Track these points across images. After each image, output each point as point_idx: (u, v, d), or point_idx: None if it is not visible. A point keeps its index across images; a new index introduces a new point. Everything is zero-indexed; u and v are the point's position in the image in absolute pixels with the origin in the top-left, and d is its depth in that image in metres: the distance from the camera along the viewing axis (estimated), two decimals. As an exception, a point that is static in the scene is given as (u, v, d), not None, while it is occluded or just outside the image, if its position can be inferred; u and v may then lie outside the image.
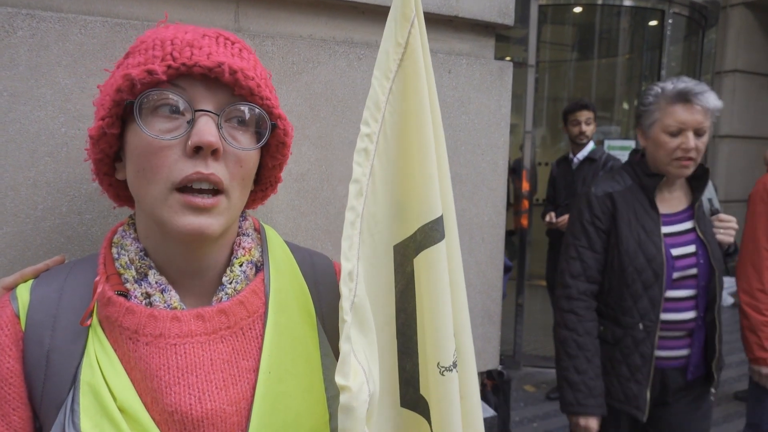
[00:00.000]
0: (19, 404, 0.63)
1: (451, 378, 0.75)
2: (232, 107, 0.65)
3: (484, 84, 1.32)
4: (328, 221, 1.15)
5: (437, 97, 0.78)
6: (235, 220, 0.71)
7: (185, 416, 0.62)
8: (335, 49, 1.13)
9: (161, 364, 0.63)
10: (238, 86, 0.64)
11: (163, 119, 0.62)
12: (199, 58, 0.62)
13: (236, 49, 0.67)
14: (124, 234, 0.71)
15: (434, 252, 0.75)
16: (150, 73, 0.61)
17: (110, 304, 0.65)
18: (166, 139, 0.61)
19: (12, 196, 0.87)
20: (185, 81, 0.63)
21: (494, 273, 1.39)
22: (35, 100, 0.87)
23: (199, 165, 0.61)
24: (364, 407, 0.62)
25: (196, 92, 0.63)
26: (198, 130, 0.61)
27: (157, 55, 0.63)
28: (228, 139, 0.64)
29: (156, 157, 0.62)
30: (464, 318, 0.82)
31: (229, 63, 0.63)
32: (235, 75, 0.63)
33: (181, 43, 0.63)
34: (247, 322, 0.69)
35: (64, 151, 0.89)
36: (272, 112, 0.69)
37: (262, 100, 0.67)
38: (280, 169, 0.78)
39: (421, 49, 0.74)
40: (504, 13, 1.32)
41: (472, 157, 1.32)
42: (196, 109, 0.62)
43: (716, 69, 5.37)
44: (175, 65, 0.61)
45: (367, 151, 0.72)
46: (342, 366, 0.63)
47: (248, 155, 0.67)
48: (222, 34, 0.68)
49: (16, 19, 0.85)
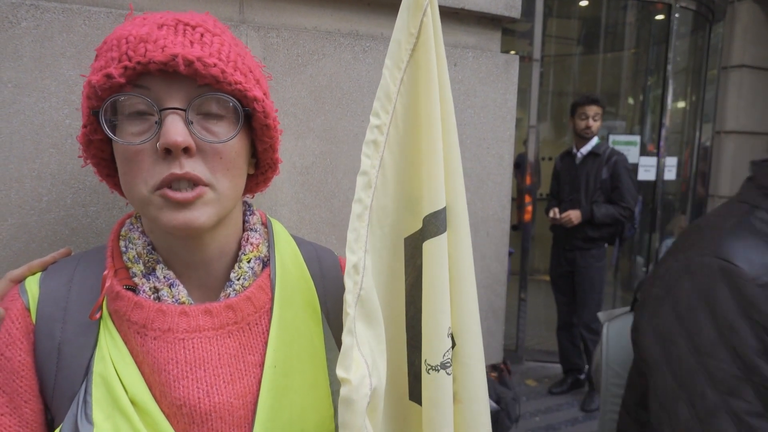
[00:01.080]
0: (30, 397, 0.63)
1: (437, 379, 0.72)
2: (200, 99, 0.61)
3: (490, 77, 1.31)
4: (333, 214, 1.15)
5: (450, 88, 0.75)
6: (232, 210, 0.69)
7: (193, 409, 0.62)
8: (340, 41, 1.12)
9: (169, 358, 0.63)
10: (199, 76, 0.60)
11: (133, 122, 0.61)
12: (153, 54, 0.58)
13: (197, 34, 0.62)
14: (131, 227, 0.71)
15: (432, 244, 0.72)
16: (108, 77, 0.59)
17: (119, 299, 0.65)
18: (136, 144, 0.60)
19: (17, 188, 0.87)
20: (147, 80, 0.60)
21: (499, 267, 1.39)
22: (39, 92, 0.87)
23: (174, 166, 0.59)
24: (365, 401, 0.62)
25: (160, 90, 0.60)
26: (165, 131, 0.58)
27: (114, 56, 0.60)
28: (200, 133, 0.61)
29: (133, 162, 0.61)
30: (469, 318, 0.77)
31: (183, 54, 0.58)
32: (192, 66, 0.59)
33: (135, 39, 0.59)
34: (253, 317, 0.69)
35: (68, 143, 0.89)
36: (246, 96, 0.64)
37: (231, 86, 0.62)
38: (273, 151, 0.74)
39: (434, 39, 0.71)
40: (511, 6, 1.31)
41: (478, 150, 1.31)
42: (162, 108, 0.60)
43: (723, 64, 5.32)
44: (130, 65, 0.58)
45: (377, 142, 0.71)
46: (343, 359, 0.63)
47: (226, 146, 0.63)
48: (182, 20, 0.63)
49: (20, 10, 0.85)
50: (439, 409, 0.72)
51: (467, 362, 0.76)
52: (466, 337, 0.77)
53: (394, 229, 0.75)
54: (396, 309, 0.77)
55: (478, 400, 0.77)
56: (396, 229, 0.75)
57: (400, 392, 0.79)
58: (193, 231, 0.63)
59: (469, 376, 0.77)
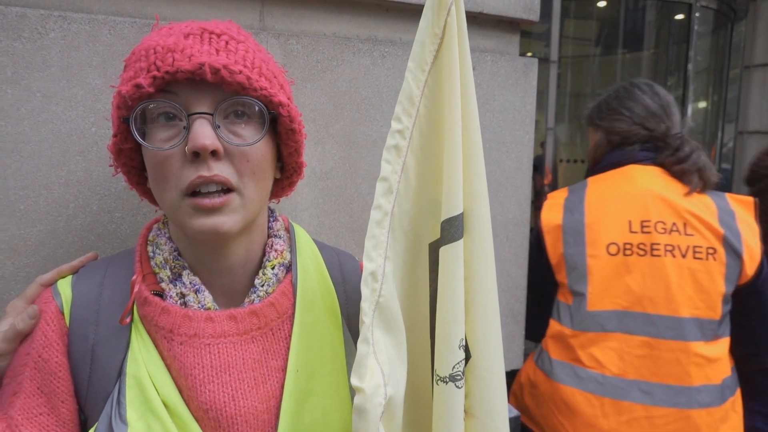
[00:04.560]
0: (67, 397, 0.65)
1: (445, 391, 0.69)
2: (227, 103, 0.63)
3: (509, 81, 1.30)
4: (352, 219, 1.15)
5: (474, 89, 0.73)
6: (257, 216, 0.70)
7: (220, 413, 0.63)
8: (359, 47, 1.12)
9: (196, 363, 0.64)
10: (226, 84, 0.62)
11: (162, 128, 0.63)
12: (181, 63, 0.60)
13: (222, 42, 0.64)
14: (158, 232, 0.72)
15: (447, 251, 0.70)
16: (138, 87, 0.61)
17: (147, 304, 0.66)
18: (165, 149, 0.62)
19: (45, 195, 0.89)
20: (175, 86, 0.62)
21: (518, 272, 1.38)
22: (67, 101, 0.89)
23: (202, 169, 0.61)
24: (379, 410, 0.62)
25: (188, 95, 0.62)
26: (193, 135, 0.60)
27: (142, 66, 0.62)
28: (228, 136, 0.63)
29: (162, 166, 0.62)
30: (487, 329, 0.73)
31: (210, 62, 0.61)
32: (219, 73, 0.61)
33: (163, 49, 0.61)
34: (276, 322, 0.70)
35: (94, 150, 0.91)
36: (271, 101, 0.66)
37: (257, 92, 0.64)
38: (298, 155, 0.76)
39: (458, 39, 0.69)
40: (529, 9, 1.30)
41: (497, 154, 1.31)
42: (190, 113, 0.62)
43: (745, 63, 5.22)
44: (159, 75, 0.60)
45: (398, 147, 0.69)
46: (358, 367, 0.63)
47: (253, 149, 0.65)
48: (207, 28, 0.65)
49: (48, 21, 0.87)
50: (446, 422, 0.70)
51: (484, 375, 0.73)
52: (484, 349, 0.73)
53: (419, 234, 0.74)
54: (420, 315, 0.76)
55: (495, 415, 0.74)
56: (420, 234, 0.74)
57: (425, 400, 0.78)
58: (219, 236, 0.64)
59: (486, 390, 0.73)
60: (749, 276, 1.31)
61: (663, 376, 1.28)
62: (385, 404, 0.63)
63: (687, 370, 1.27)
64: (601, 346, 1.32)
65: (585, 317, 1.34)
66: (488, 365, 0.73)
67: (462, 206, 0.71)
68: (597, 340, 1.32)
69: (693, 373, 1.27)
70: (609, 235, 1.34)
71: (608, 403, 1.29)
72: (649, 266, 1.30)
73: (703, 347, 1.28)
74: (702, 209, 1.33)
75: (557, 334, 1.39)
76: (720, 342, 1.31)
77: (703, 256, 1.29)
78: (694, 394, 1.27)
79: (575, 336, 1.35)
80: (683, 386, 1.27)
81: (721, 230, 1.30)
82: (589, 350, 1.33)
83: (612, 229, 1.35)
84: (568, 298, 1.39)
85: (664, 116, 1.44)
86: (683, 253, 1.30)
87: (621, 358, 1.30)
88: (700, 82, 4.58)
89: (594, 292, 1.34)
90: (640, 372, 1.29)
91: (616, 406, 1.29)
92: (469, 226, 0.72)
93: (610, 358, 1.30)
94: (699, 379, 1.27)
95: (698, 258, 1.29)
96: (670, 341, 1.28)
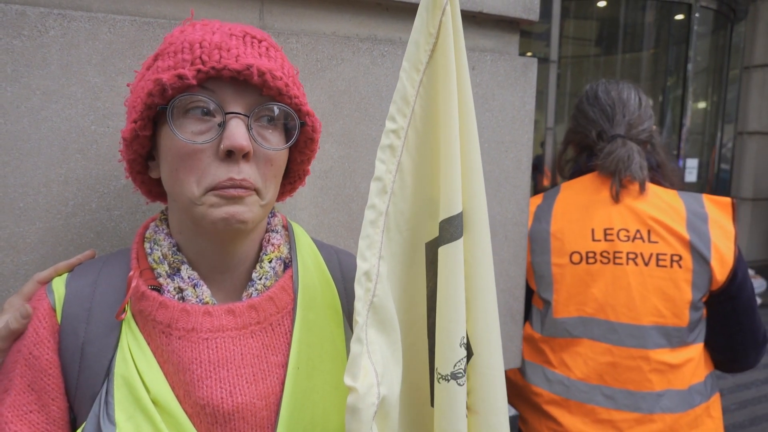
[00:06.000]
0: (57, 395, 0.65)
1: (447, 388, 0.70)
2: (261, 107, 0.65)
3: (509, 80, 1.30)
4: (351, 218, 1.15)
5: (470, 88, 0.73)
6: (265, 217, 0.72)
7: (216, 409, 0.63)
8: (359, 46, 1.12)
9: (193, 358, 0.64)
10: (267, 87, 0.64)
11: (194, 121, 0.63)
12: (228, 60, 0.62)
13: (263, 48, 0.67)
14: (156, 229, 0.72)
15: (446, 251, 0.71)
16: (181, 78, 0.61)
17: (144, 299, 0.66)
18: (198, 143, 0.62)
19: (44, 193, 0.89)
20: (214, 83, 0.63)
21: (517, 271, 1.38)
22: (66, 99, 0.89)
23: (232, 170, 0.62)
24: (371, 410, 0.62)
25: (225, 94, 0.63)
26: (230, 134, 0.61)
27: (186, 58, 0.63)
28: (258, 139, 0.64)
29: (189, 159, 0.63)
30: (488, 327, 0.74)
31: (257, 65, 0.63)
32: (263, 76, 0.63)
33: (210, 45, 0.63)
34: (276, 317, 0.70)
35: (93, 149, 0.91)
36: (300, 110, 0.69)
37: (291, 99, 0.67)
38: (308, 163, 0.79)
39: (454, 38, 0.70)
40: (529, 9, 1.30)
41: (496, 154, 1.31)
42: (227, 111, 0.63)
43: (745, 64, 5.22)
44: (204, 69, 0.61)
45: (393, 147, 0.70)
46: (351, 367, 0.63)
47: (278, 154, 0.67)
48: (249, 32, 0.67)
49: (48, 19, 0.87)
50: (449, 420, 0.70)
51: (486, 372, 0.74)
52: (485, 347, 0.74)
53: (415, 234, 0.74)
54: (417, 314, 0.76)
55: (497, 411, 0.75)
56: (416, 234, 0.74)
57: (422, 398, 0.78)
58: (236, 227, 0.64)
59: (488, 386, 0.74)
60: (720, 282, 1.28)
61: (624, 382, 1.28)
62: (378, 404, 0.63)
63: (648, 377, 1.27)
64: (570, 351, 1.34)
65: (552, 324, 1.36)
66: (490, 362, 0.74)
67: (461, 205, 0.71)
68: (567, 345, 1.35)
69: (654, 379, 1.27)
70: (572, 244, 1.35)
71: (574, 405, 1.32)
72: (612, 274, 1.30)
73: (667, 354, 1.28)
74: (669, 215, 1.30)
75: (529, 337, 1.43)
76: (689, 349, 1.30)
77: (667, 264, 1.27)
78: (656, 399, 1.27)
79: (545, 341, 1.39)
80: (645, 392, 1.27)
81: (687, 236, 1.27)
82: (560, 354, 1.36)
83: (576, 237, 1.35)
84: (539, 304, 1.41)
85: (603, 119, 1.41)
86: (646, 261, 1.28)
87: (586, 364, 1.32)
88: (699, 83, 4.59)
89: (560, 300, 1.35)
90: (603, 378, 1.30)
91: (581, 408, 1.31)
92: (469, 226, 0.73)
93: (576, 362, 1.33)
94: (661, 385, 1.27)
95: (662, 266, 1.28)
96: (630, 349, 1.28)
